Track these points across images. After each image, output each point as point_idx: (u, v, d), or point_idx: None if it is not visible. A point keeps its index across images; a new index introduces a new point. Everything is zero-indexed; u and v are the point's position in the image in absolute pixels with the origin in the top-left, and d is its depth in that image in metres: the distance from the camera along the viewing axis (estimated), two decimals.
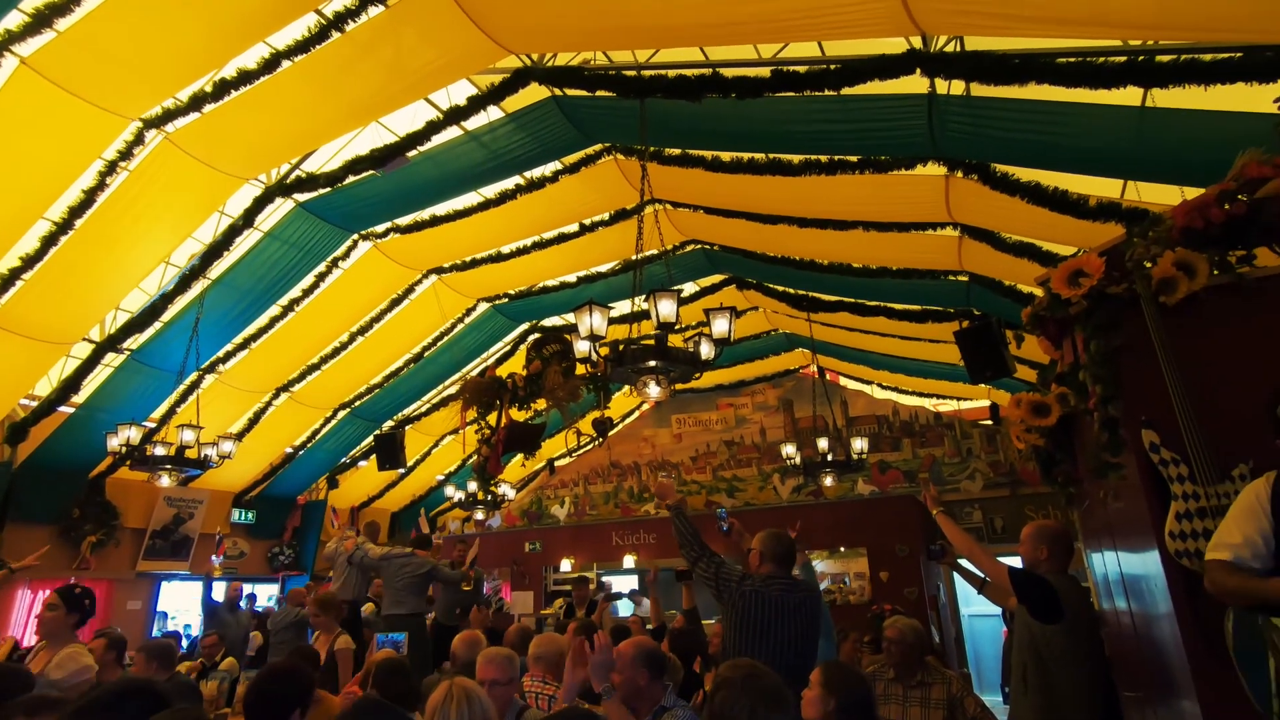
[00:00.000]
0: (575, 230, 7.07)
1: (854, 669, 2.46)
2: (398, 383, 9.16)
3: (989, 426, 9.88)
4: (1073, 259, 2.71)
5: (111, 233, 5.69)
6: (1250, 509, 1.87)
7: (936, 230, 5.35)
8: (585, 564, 10.82)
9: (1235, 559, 1.83)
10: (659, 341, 3.57)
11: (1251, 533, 1.83)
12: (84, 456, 7.62)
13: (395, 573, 5.63)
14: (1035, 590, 2.95)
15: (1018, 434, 3.82)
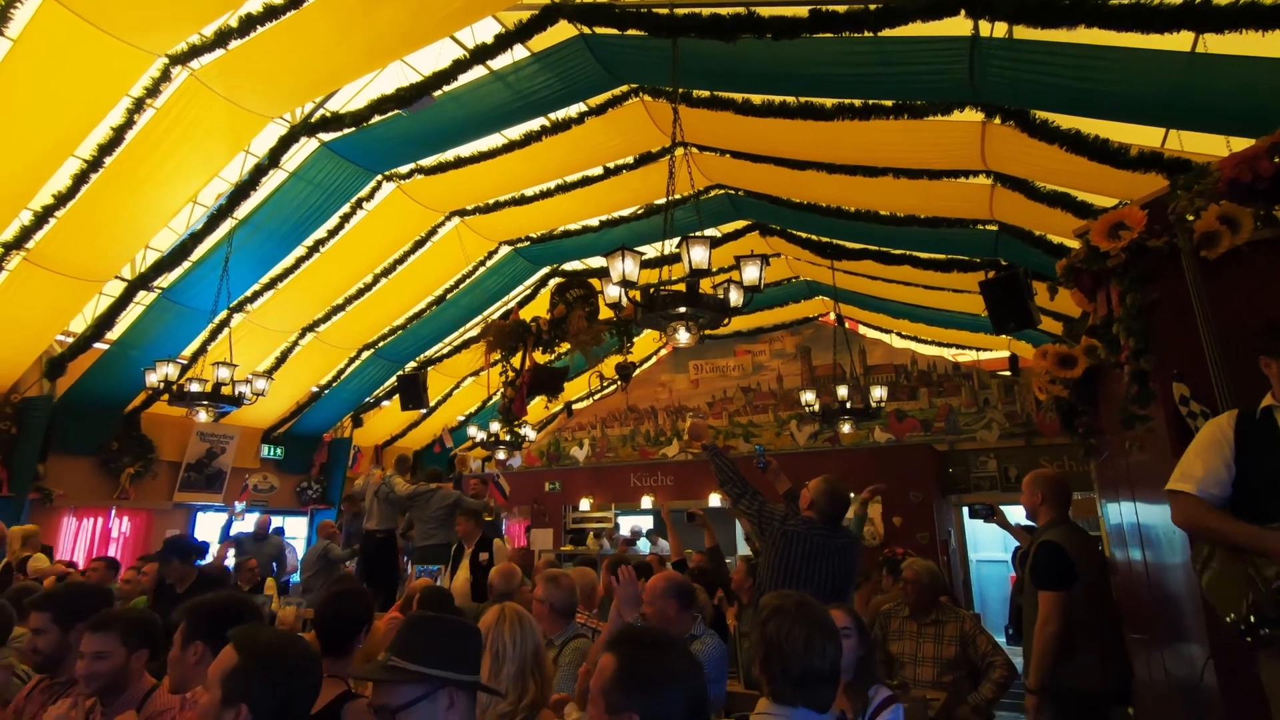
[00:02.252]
0: (599, 174, 7.00)
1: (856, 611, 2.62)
2: (420, 324, 9.27)
3: (1008, 377, 9.89)
4: (1114, 211, 2.70)
5: (140, 171, 5.73)
6: (1215, 441, 1.93)
7: (969, 178, 5.26)
8: (604, 504, 11.12)
9: (1199, 491, 1.90)
10: (690, 288, 3.60)
11: (1215, 463, 1.90)
12: (120, 392, 7.85)
13: (424, 507, 5.86)
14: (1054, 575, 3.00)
15: (1040, 385, 3.86)
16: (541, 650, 2.24)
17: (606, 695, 1.31)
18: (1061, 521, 3.21)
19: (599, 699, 1.32)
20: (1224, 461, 1.89)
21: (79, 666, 2.02)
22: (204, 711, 1.58)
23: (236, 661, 1.59)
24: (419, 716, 1.47)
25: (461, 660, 1.57)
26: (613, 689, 1.30)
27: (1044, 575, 2.99)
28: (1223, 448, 1.90)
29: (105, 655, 2.03)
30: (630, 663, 1.33)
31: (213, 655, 1.80)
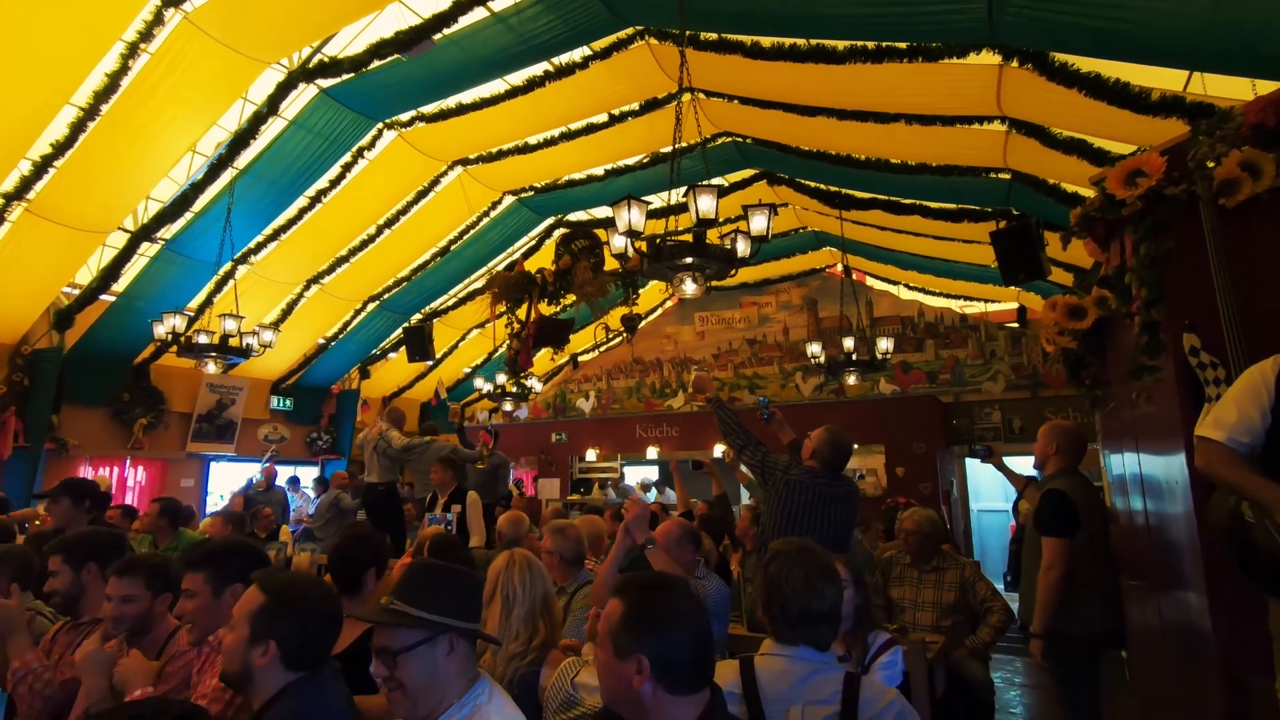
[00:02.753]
0: (604, 121, 6.85)
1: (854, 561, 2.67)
2: (424, 276, 9.23)
3: (1015, 329, 9.84)
4: (1132, 158, 2.63)
5: (137, 119, 5.63)
6: (1254, 388, 1.83)
7: (983, 125, 5.12)
8: (609, 455, 11.26)
9: (1229, 439, 1.81)
10: (696, 238, 3.56)
11: (1250, 411, 1.80)
12: (128, 344, 7.90)
13: (419, 459, 5.96)
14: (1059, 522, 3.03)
15: (1048, 336, 3.84)
16: (551, 594, 2.30)
17: (614, 638, 1.34)
18: (1070, 472, 3.24)
19: (607, 642, 1.35)
20: (1260, 410, 1.80)
21: (108, 609, 2.08)
22: (230, 649, 1.64)
23: (264, 601, 1.65)
24: (419, 660, 1.50)
25: (463, 608, 1.59)
26: (620, 632, 1.34)
27: (1049, 522, 3.03)
28: (1260, 395, 1.80)
29: (132, 599, 2.11)
30: (636, 606, 1.36)
31: None
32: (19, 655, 2.05)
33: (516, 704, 2.06)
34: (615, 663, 1.33)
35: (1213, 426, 1.88)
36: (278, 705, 1.59)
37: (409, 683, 1.49)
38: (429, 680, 1.50)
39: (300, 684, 1.63)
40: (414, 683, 1.49)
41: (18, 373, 7.14)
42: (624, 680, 1.31)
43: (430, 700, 1.51)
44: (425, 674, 1.50)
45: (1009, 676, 5.84)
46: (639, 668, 1.30)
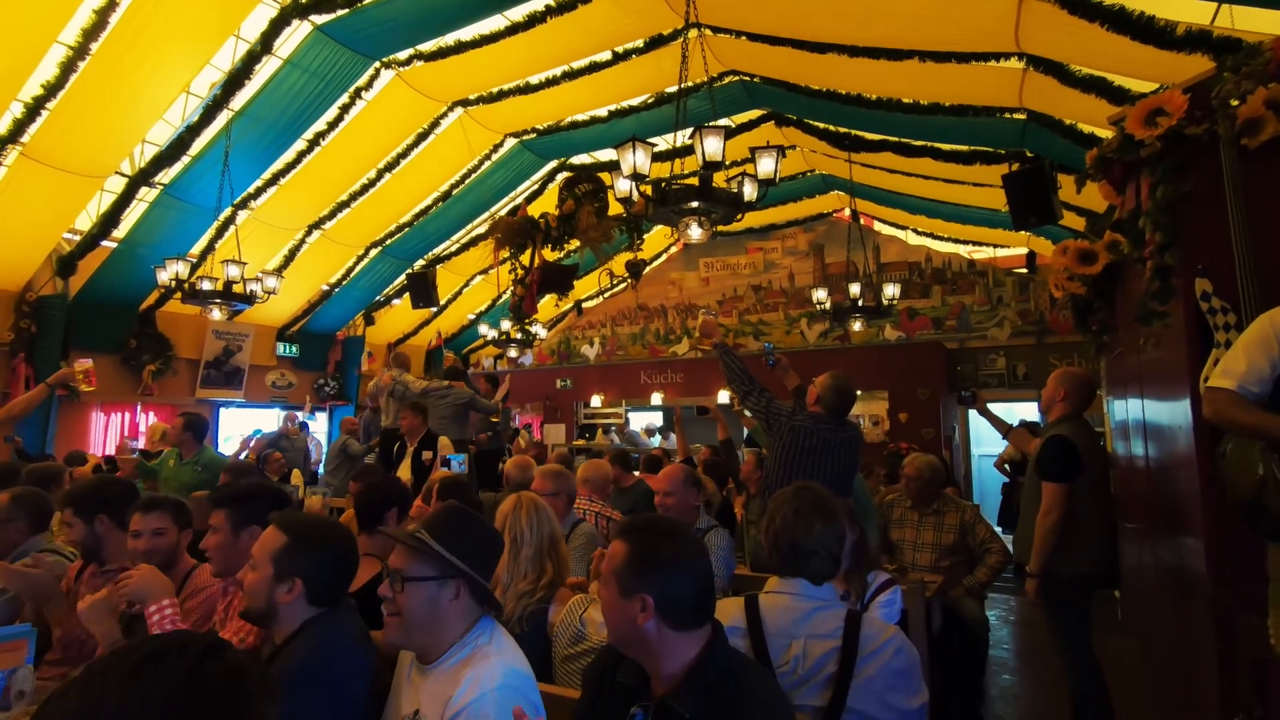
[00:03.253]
0: (607, 59, 6.64)
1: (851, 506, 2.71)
2: (427, 221, 9.13)
3: (1023, 275, 9.74)
4: (1153, 96, 2.55)
5: (129, 57, 5.48)
6: (1264, 337, 1.83)
7: (1000, 62, 4.94)
8: (614, 401, 11.35)
9: (1239, 387, 1.82)
10: (703, 181, 3.49)
11: (1259, 360, 1.81)
12: (132, 290, 7.89)
13: (436, 404, 5.98)
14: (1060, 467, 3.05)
15: (1057, 282, 3.80)
16: (558, 535, 2.36)
17: (619, 578, 1.38)
18: (1074, 418, 3.26)
19: (612, 581, 1.39)
20: (1269, 359, 1.81)
21: (141, 544, 2.15)
22: (254, 588, 1.69)
23: (286, 540, 1.71)
24: (425, 592, 1.54)
25: (480, 560, 1.64)
26: (625, 572, 1.37)
27: (1050, 467, 3.07)
28: (1270, 344, 1.81)
29: (163, 531, 2.19)
30: (642, 548, 1.39)
31: None
32: (61, 623, 2.13)
33: (527, 639, 2.15)
34: (620, 601, 1.37)
35: (1222, 375, 1.88)
36: (301, 638, 1.66)
37: (408, 613, 1.53)
38: (429, 616, 1.54)
39: (322, 618, 1.70)
40: (413, 614, 1.53)
41: (24, 320, 7.17)
42: (628, 618, 1.35)
43: (427, 636, 1.55)
44: (426, 609, 1.54)
45: (1004, 615, 6.01)
46: (643, 606, 1.34)
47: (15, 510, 2.62)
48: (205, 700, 0.81)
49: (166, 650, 0.81)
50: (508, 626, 2.17)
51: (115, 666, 0.79)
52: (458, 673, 1.49)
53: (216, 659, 0.83)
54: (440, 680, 1.51)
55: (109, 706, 0.76)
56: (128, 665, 0.78)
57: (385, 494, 2.51)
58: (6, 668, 1.59)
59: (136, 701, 0.77)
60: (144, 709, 0.77)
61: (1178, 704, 3.05)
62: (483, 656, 1.52)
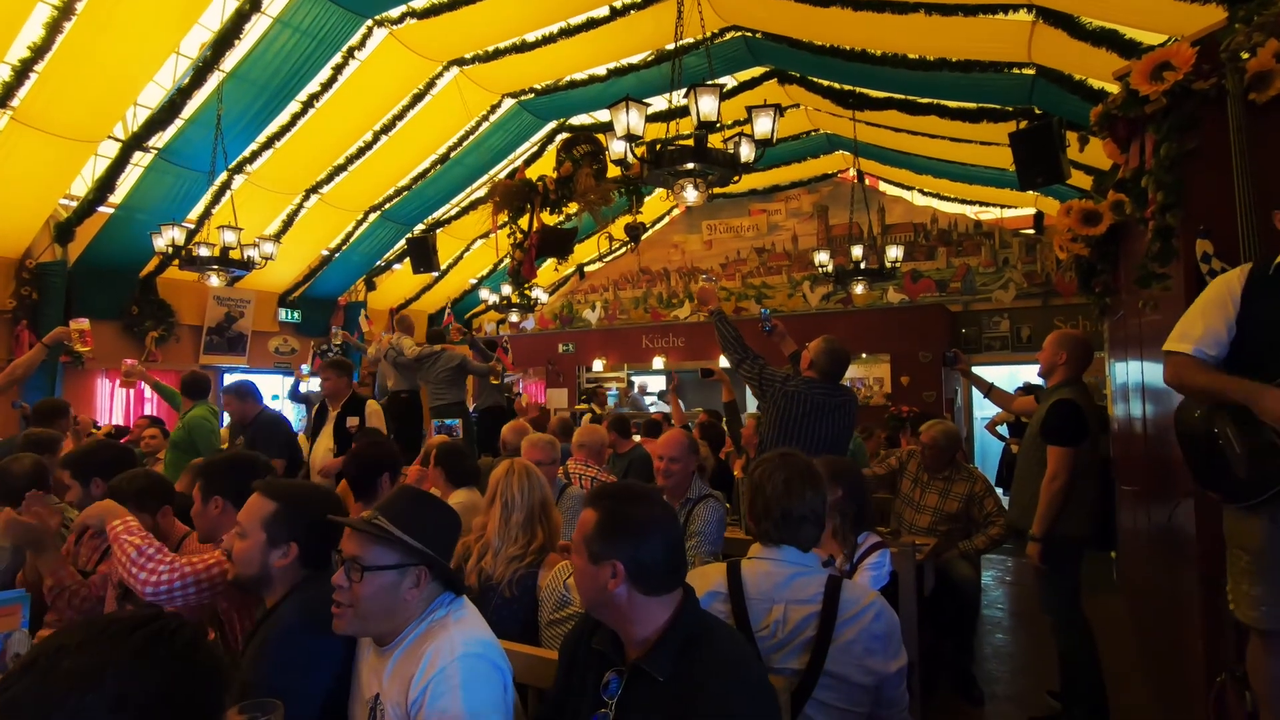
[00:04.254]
0: (605, 15, 6.46)
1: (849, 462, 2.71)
2: (425, 185, 9.02)
3: (1030, 236, 9.61)
4: (1160, 49, 2.46)
5: (116, 16, 5.36)
6: (1220, 300, 1.85)
7: (1008, 15, 4.79)
8: (616, 365, 11.35)
9: (1195, 350, 1.85)
10: (698, 142, 3.42)
11: (1216, 323, 1.84)
12: (131, 256, 7.86)
13: (430, 369, 6.01)
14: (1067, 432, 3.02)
15: (1062, 243, 3.74)
16: (550, 501, 2.38)
17: (589, 545, 1.38)
18: (1075, 382, 3.22)
19: (582, 549, 1.39)
20: (1225, 321, 1.83)
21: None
22: (246, 555, 1.71)
23: (276, 507, 1.71)
24: (385, 580, 1.45)
25: (445, 545, 1.60)
26: (595, 539, 1.38)
27: (1057, 431, 3.04)
28: (1226, 307, 1.84)
29: None
30: (611, 515, 1.39)
31: (234, 508, 1.94)
32: (52, 573, 2.15)
33: (517, 602, 2.18)
34: (590, 568, 1.37)
35: (1179, 340, 1.90)
36: (294, 597, 1.68)
37: (363, 603, 1.44)
38: (387, 605, 1.46)
39: (310, 580, 1.72)
40: (368, 604, 1.44)
41: (25, 286, 7.16)
42: (599, 584, 1.36)
43: (383, 624, 1.48)
44: (385, 598, 1.45)
45: (999, 575, 6.07)
46: (614, 572, 1.35)
47: None
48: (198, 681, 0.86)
49: (163, 632, 0.85)
50: (497, 590, 2.20)
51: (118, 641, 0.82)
52: (416, 649, 1.45)
53: (204, 648, 0.88)
54: (400, 661, 1.46)
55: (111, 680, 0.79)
56: (130, 643, 0.82)
57: (377, 459, 2.51)
58: (2, 631, 1.62)
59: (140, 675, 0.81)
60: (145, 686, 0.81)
61: (1166, 663, 3.09)
62: (441, 627, 1.47)
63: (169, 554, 1.90)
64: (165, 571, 1.84)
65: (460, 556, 2.28)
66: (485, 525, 2.30)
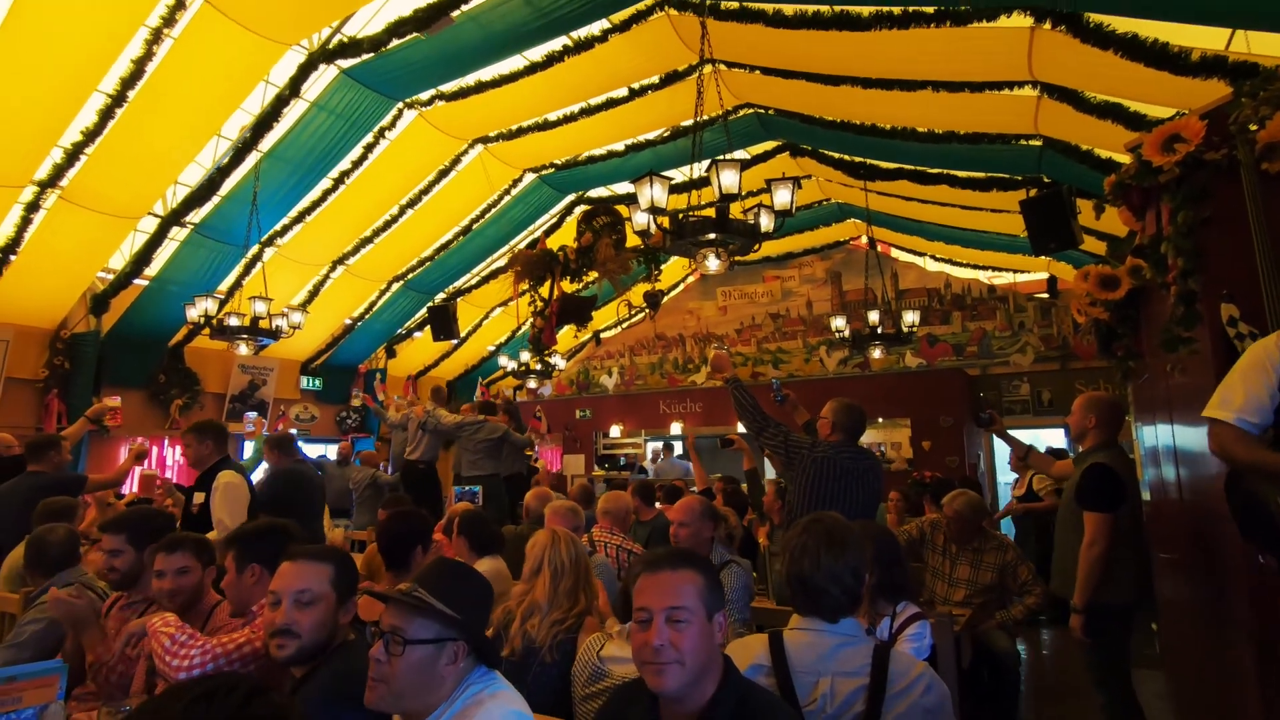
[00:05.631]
0: (624, 95, 6.78)
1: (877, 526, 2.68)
2: (447, 255, 9.28)
3: (1045, 300, 9.66)
4: (1170, 123, 2.55)
5: (164, 104, 5.70)
6: (1260, 365, 1.82)
7: (1013, 90, 4.98)
8: (634, 430, 11.33)
9: (1237, 420, 1.81)
10: (719, 213, 3.53)
11: (1258, 389, 1.79)
12: (162, 326, 8.08)
13: (470, 438, 5.98)
14: (1104, 497, 2.97)
15: (1080, 307, 3.76)
16: (591, 568, 2.41)
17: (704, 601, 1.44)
18: (1109, 445, 3.17)
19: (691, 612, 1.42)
20: (1268, 388, 1.80)
21: (165, 584, 2.16)
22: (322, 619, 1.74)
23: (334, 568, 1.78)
24: (424, 654, 1.42)
25: (481, 618, 1.59)
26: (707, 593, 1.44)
27: (1093, 497, 2.98)
28: (1267, 372, 1.81)
29: (187, 570, 2.20)
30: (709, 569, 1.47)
31: (269, 575, 1.95)
32: (93, 649, 2.17)
33: (557, 666, 2.16)
34: (706, 626, 1.39)
35: (1220, 407, 1.86)
36: (323, 670, 1.67)
37: (401, 677, 1.40)
38: (424, 682, 1.42)
39: (341, 649, 1.73)
40: (406, 679, 1.41)
41: (58, 356, 7.36)
42: (712, 640, 1.39)
43: (417, 701, 1.43)
44: (422, 674, 1.42)
45: (1037, 647, 5.84)
46: (720, 624, 1.39)
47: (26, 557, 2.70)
48: None
49: (216, 691, 0.85)
50: (538, 656, 2.18)
51: (169, 705, 0.84)
52: None
53: (262, 699, 0.88)
54: None
55: None
56: (182, 704, 0.83)
57: (408, 532, 2.50)
58: (39, 703, 1.61)
59: None
60: None
61: None
62: (476, 705, 1.42)
63: (200, 639, 1.91)
64: (197, 655, 1.86)
65: (500, 622, 2.27)
66: (527, 591, 2.32)
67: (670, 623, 1.36)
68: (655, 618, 1.37)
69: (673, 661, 1.33)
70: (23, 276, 6.60)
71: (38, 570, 2.63)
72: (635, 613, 1.41)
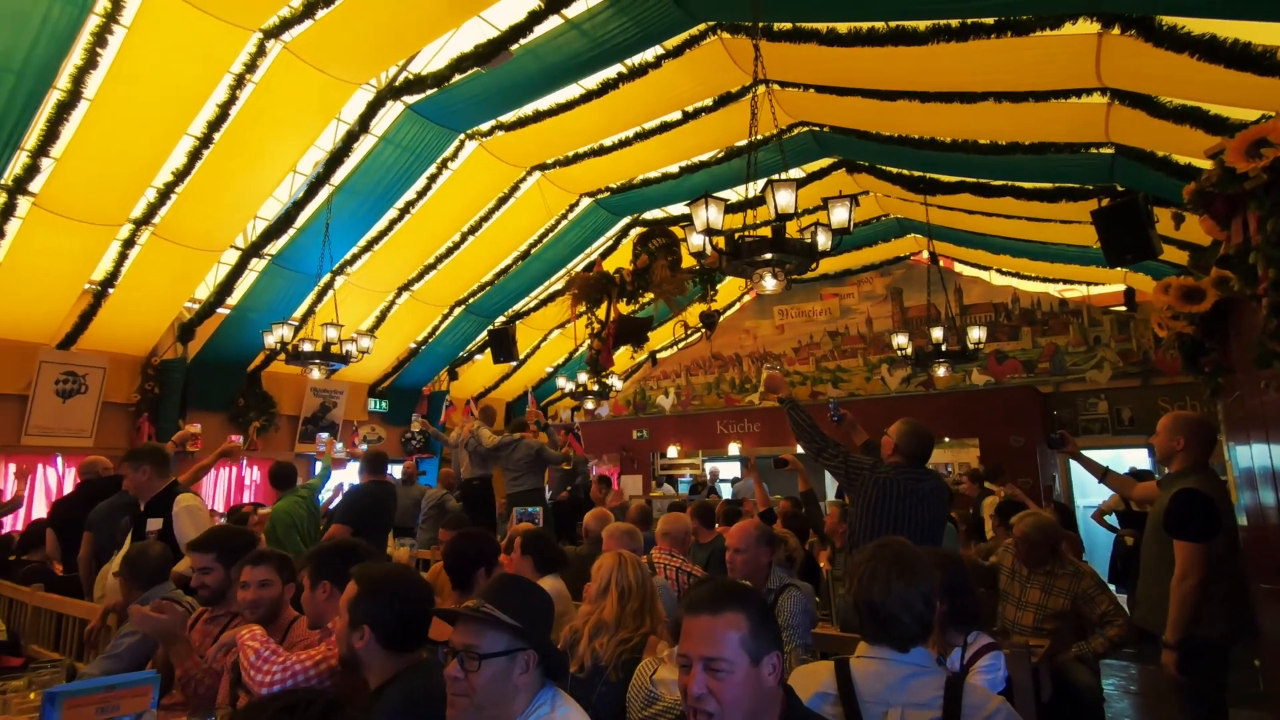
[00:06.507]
0: (678, 118, 6.86)
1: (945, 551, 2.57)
2: (507, 279, 9.52)
3: (1122, 313, 9.20)
4: (1255, 126, 2.43)
5: (245, 144, 6.08)
6: None
7: (1081, 98, 4.81)
8: (691, 451, 11.28)
9: None
10: (775, 233, 3.52)
11: None
12: (242, 352, 8.53)
13: (509, 456, 6.13)
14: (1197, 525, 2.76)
15: (1161, 320, 3.58)
16: (657, 591, 2.42)
17: (746, 647, 1.35)
18: (1200, 468, 2.95)
19: (732, 660, 1.34)
20: None
21: (249, 594, 2.29)
22: (338, 635, 1.81)
23: (357, 590, 1.81)
24: (499, 668, 1.46)
25: (546, 629, 1.63)
26: (750, 638, 1.36)
27: (1185, 525, 2.77)
28: None
29: (269, 583, 2.32)
30: (762, 608, 1.41)
31: (339, 593, 2.03)
32: (181, 662, 2.30)
33: (620, 686, 2.17)
34: (752, 671, 1.33)
35: None
36: (394, 686, 1.72)
37: (480, 690, 1.45)
38: (499, 692, 1.47)
39: (414, 669, 1.76)
40: (485, 691, 1.45)
41: (149, 382, 7.86)
42: (763, 685, 1.34)
43: (494, 711, 1.47)
44: (498, 685, 1.46)
45: (1123, 684, 5.49)
46: (772, 667, 1.35)
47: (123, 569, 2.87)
48: None
49: (296, 705, 0.90)
50: (603, 675, 2.20)
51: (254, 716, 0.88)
52: None
53: (338, 713, 0.92)
54: None
55: None
56: (265, 716, 0.88)
57: (475, 554, 2.55)
58: (135, 711, 1.70)
59: None
60: None
61: None
62: None
63: (282, 654, 2.00)
64: (278, 672, 1.95)
65: (568, 640, 2.30)
66: (593, 610, 2.35)
67: (709, 671, 1.31)
68: (694, 665, 1.33)
69: (712, 711, 1.29)
70: (119, 308, 7.10)
71: (134, 584, 2.80)
72: (678, 655, 1.39)
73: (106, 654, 2.63)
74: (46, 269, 6.40)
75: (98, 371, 7.41)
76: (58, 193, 5.78)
